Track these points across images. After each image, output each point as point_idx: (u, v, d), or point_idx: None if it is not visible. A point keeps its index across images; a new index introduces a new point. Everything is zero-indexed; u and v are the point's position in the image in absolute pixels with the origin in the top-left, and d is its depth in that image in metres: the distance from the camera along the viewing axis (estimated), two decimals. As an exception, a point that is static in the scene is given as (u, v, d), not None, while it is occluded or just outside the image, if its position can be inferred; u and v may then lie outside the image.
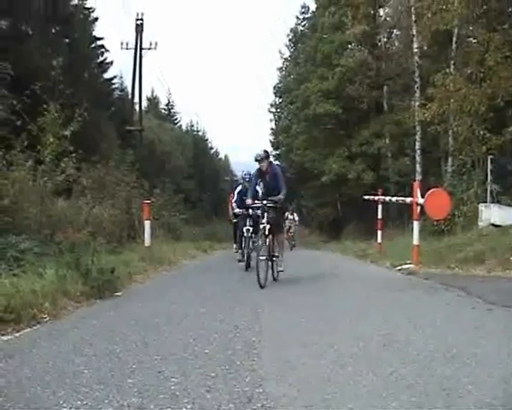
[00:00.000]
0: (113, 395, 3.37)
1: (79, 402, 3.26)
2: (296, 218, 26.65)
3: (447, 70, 17.76)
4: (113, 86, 36.28)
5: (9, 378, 3.73)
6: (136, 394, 3.40)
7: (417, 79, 21.72)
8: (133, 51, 27.15)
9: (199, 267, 13.52)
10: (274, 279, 9.30)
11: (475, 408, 3.11)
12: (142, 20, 27.14)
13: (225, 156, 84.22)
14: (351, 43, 30.11)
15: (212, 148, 71.00)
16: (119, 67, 49.88)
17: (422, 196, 11.08)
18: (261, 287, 8.30)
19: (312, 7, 43.03)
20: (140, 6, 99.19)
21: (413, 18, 20.71)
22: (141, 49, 27.12)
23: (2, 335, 5.02)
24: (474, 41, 18.70)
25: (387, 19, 30.43)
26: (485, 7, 16.15)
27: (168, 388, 3.52)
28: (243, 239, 12.00)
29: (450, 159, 19.86)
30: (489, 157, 14.51)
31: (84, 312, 6.41)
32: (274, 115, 51.54)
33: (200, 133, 65.75)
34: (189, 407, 3.19)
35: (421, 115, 18.40)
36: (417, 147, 22.04)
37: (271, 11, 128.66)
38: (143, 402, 3.26)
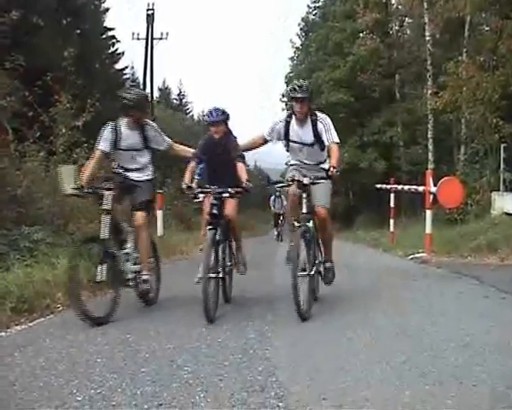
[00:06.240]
0: (126, 384, 3.40)
1: (93, 391, 3.29)
2: None
3: (459, 58, 17.61)
4: (125, 77, 36.17)
5: (23, 368, 3.76)
6: (150, 382, 3.42)
7: (429, 68, 21.51)
8: (144, 42, 27.15)
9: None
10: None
11: (489, 397, 3.10)
12: (153, 10, 27.10)
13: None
14: (362, 32, 29.79)
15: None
16: (131, 58, 49.98)
17: (435, 185, 11.02)
18: None
19: (324, -5, 42.80)
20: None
21: (425, 6, 20.48)
22: (152, 39, 27.08)
23: (16, 325, 5.06)
24: (486, 28, 18.54)
25: (399, 7, 30.12)
26: (497, -6, 16.02)
27: (181, 377, 3.53)
28: None
29: (462, 147, 19.72)
30: (502, 145, 14.40)
31: (97, 301, 6.43)
32: (286, 105, 51.51)
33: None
34: (202, 395, 3.21)
35: (434, 104, 18.24)
36: (429, 135, 21.85)
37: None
38: (157, 391, 3.28)
